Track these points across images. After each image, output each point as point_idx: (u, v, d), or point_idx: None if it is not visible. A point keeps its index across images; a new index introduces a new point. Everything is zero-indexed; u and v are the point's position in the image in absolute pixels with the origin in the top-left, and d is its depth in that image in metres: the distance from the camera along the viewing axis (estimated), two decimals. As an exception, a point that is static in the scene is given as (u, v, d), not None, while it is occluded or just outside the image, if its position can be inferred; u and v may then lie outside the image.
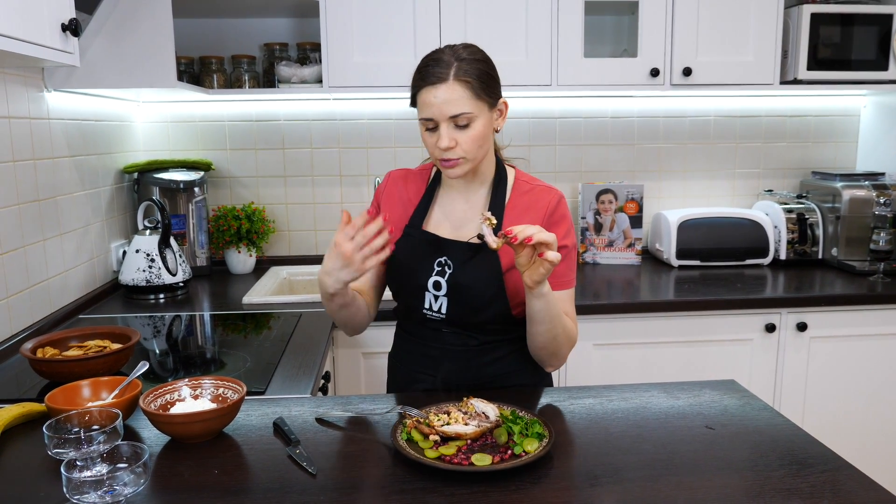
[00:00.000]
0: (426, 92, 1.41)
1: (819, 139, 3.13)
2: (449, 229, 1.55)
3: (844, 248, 2.78)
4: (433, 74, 1.40)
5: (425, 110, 1.42)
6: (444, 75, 1.40)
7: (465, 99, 1.40)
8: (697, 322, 2.41)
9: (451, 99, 1.39)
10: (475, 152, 1.45)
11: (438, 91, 1.40)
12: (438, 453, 1.18)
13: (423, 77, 1.42)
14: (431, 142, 1.44)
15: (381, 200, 1.63)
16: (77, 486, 1.01)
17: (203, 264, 2.79)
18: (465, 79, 1.40)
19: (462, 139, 1.42)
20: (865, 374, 2.49)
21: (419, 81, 1.43)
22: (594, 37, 2.81)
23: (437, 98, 1.40)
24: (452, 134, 1.42)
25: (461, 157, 1.44)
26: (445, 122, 1.41)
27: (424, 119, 1.43)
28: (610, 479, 1.13)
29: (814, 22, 2.66)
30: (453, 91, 1.39)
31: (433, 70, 1.41)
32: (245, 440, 1.28)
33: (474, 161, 1.47)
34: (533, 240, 1.29)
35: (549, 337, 1.47)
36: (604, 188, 2.92)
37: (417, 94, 1.44)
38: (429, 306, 1.53)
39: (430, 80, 1.40)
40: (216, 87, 2.71)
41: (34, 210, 2.01)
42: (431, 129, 1.44)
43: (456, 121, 1.41)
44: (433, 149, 1.45)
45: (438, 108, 1.40)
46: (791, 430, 1.30)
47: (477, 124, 1.43)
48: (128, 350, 1.63)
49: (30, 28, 1.49)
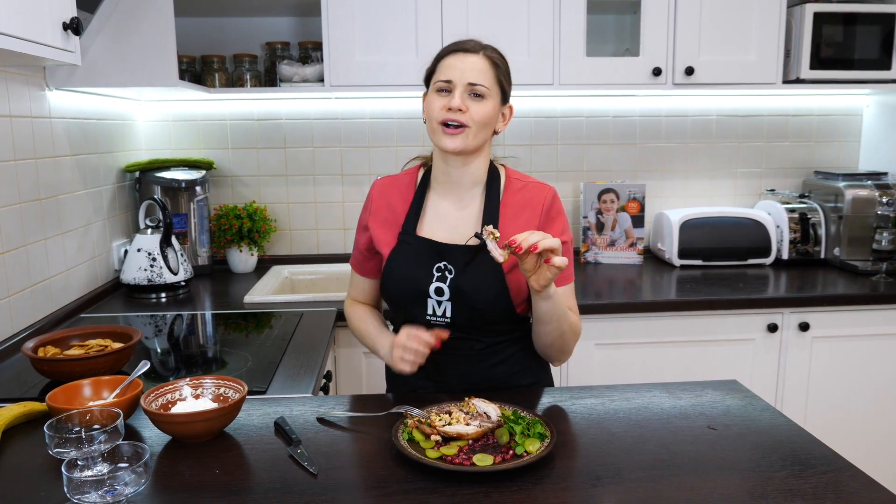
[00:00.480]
0: (453, 57, 1.47)
1: (822, 139, 3.12)
2: (444, 233, 1.53)
3: (847, 247, 2.78)
4: (464, 46, 1.48)
5: (446, 73, 1.46)
6: (472, 47, 1.48)
7: (488, 74, 1.46)
8: (699, 322, 2.40)
9: (476, 68, 1.45)
10: (478, 128, 1.46)
11: (467, 58, 1.46)
12: (440, 453, 1.17)
13: (454, 46, 1.49)
14: (440, 103, 1.46)
15: (371, 212, 1.61)
16: (78, 485, 1.01)
17: (204, 263, 2.79)
18: (493, 58, 1.48)
19: (473, 108, 1.45)
20: (868, 375, 2.49)
21: (446, 50, 1.49)
22: (596, 36, 2.80)
23: (464, 63, 1.45)
24: (465, 100, 1.45)
25: (465, 126, 1.44)
26: (462, 87, 1.44)
27: (442, 81, 1.46)
28: (612, 480, 1.13)
29: (817, 21, 2.66)
30: (479, 62, 1.46)
31: (464, 44, 1.48)
32: (246, 440, 1.28)
33: (475, 139, 1.47)
34: (538, 247, 1.29)
35: (556, 335, 1.48)
36: (606, 187, 2.92)
37: (441, 60, 1.48)
38: (432, 312, 1.51)
39: (461, 48, 1.47)
40: (218, 86, 2.71)
41: (36, 209, 2.01)
42: (444, 92, 1.46)
43: (473, 89, 1.44)
44: (439, 111, 1.45)
45: (461, 71, 1.44)
46: (793, 431, 1.30)
47: (489, 102, 1.46)
48: (129, 349, 1.63)
49: (31, 27, 1.49)
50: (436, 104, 1.46)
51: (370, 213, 1.61)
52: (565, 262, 1.31)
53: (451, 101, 1.43)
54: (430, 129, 1.49)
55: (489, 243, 1.34)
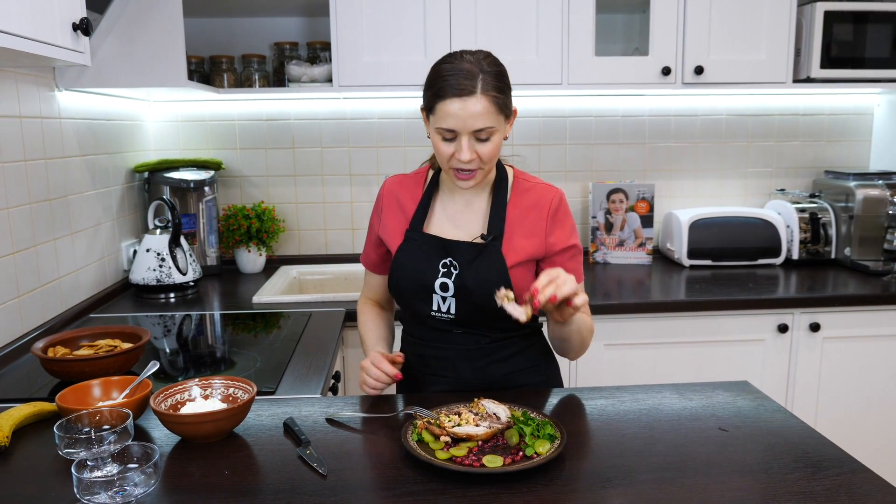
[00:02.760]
0: (451, 103, 1.37)
1: (832, 138, 3.10)
2: (450, 230, 1.54)
3: (858, 247, 2.76)
4: (460, 86, 1.36)
5: (448, 121, 1.38)
6: (471, 88, 1.36)
7: (490, 114, 1.38)
8: (709, 322, 2.39)
9: (478, 113, 1.37)
10: (491, 164, 1.45)
11: (466, 104, 1.36)
12: (449, 455, 1.17)
13: (449, 87, 1.37)
14: (448, 152, 1.42)
15: (382, 209, 1.63)
16: (87, 486, 1.01)
17: (213, 263, 2.80)
18: (492, 94, 1.38)
19: (482, 151, 1.41)
20: (879, 375, 2.47)
21: (443, 91, 1.38)
22: (605, 35, 2.79)
23: (465, 111, 1.36)
24: (473, 146, 1.40)
25: (478, 169, 1.44)
26: (467, 135, 1.39)
27: (445, 130, 1.40)
28: (622, 482, 1.12)
29: (827, 20, 2.64)
30: (480, 105, 1.37)
31: (460, 82, 1.36)
32: (255, 440, 1.28)
33: (487, 172, 1.48)
34: (557, 299, 1.28)
35: (577, 342, 1.51)
36: (615, 187, 2.91)
37: (439, 104, 1.39)
38: (437, 308, 1.52)
39: (457, 91, 1.36)
40: (226, 87, 2.72)
41: (45, 209, 2.01)
42: (449, 140, 1.41)
43: (479, 135, 1.39)
44: (449, 159, 1.43)
45: (463, 121, 1.37)
46: (805, 432, 1.29)
47: (496, 137, 1.42)
48: (138, 349, 1.63)
49: (41, 27, 1.49)
50: (444, 151, 1.42)
51: (380, 209, 1.63)
52: (585, 300, 1.32)
53: (460, 154, 1.40)
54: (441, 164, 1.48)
55: (507, 307, 1.33)
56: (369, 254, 1.69)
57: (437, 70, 1.42)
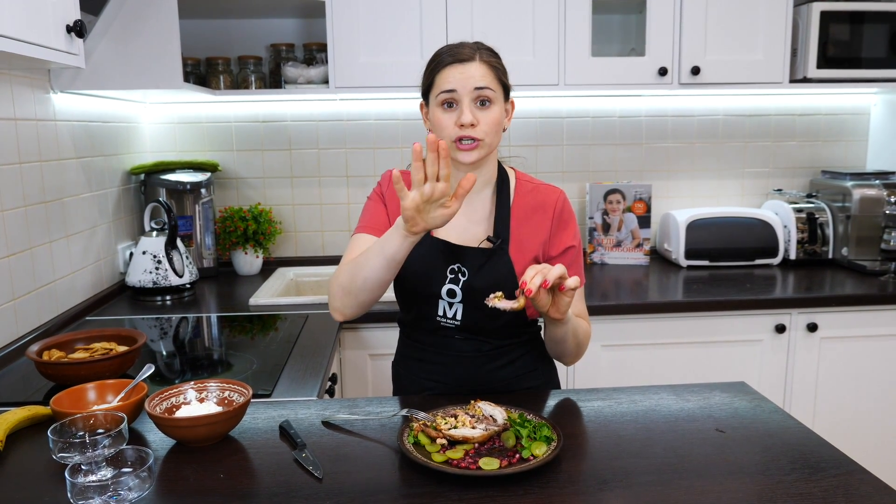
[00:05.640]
0: (451, 68, 1.42)
1: (829, 138, 3.10)
2: (456, 234, 1.52)
3: (855, 247, 2.76)
4: (459, 54, 1.42)
5: (448, 82, 1.41)
6: (469, 55, 1.42)
7: (490, 78, 1.42)
8: (706, 323, 2.39)
9: (477, 75, 1.41)
10: (492, 137, 1.44)
11: (466, 67, 1.41)
12: (445, 457, 1.16)
13: (448, 55, 1.43)
14: (449, 120, 1.42)
15: (388, 199, 1.57)
16: (81, 490, 1.00)
17: (210, 265, 2.79)
18: (491, 61, 1.44)
19: (483, 119, 1.41)
20: (877, 375, 2.47)
21: (442, 60, 1.43)
22: (602, 36, 2.79)
23: (463, 73, 1.41)
24: (474, 112, 1.41)
25: (479, 139, 1.42)
26: (468, 97, 1.41)
27: (445, 92, 1.41)
28: (619, 484, 1.11)
29: (823, 20, 2.64)
30: (479, 70, 1.42)
31: (458, 51, 1.43)
32: (251, 443, 1.28)
33: (489, 147, 1.45)
34: (549, 283, 1.27)
35: (573, 345, 1.50)
36: (612, 188, 2.91)
37: (439, 73, 1.43)
38: (443, 314, 1.51)
39: (456, 58, 1.42)
40: (222, 88, 2.71)
41: (41, 212, 2.01)
42: (450, 109, 1.42)
43: (480, 94, 1.41)
44: (450, 128, 1.42)
45: (464, 80, 1.40)
46: (803, 434, 1.29)
47: (496, 107, 1.43)
48: (134, 352, 1.62)
49: (34, 30, 1.48)
50: (446, 121, 1.42)
51: (386, 198, 1.56)
52: (577, 281, 1.30)
53: (462, 117, 1.40)
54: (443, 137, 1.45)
55: (500, 305, 1.33)
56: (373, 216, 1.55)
57: (436, 53, 1.48)
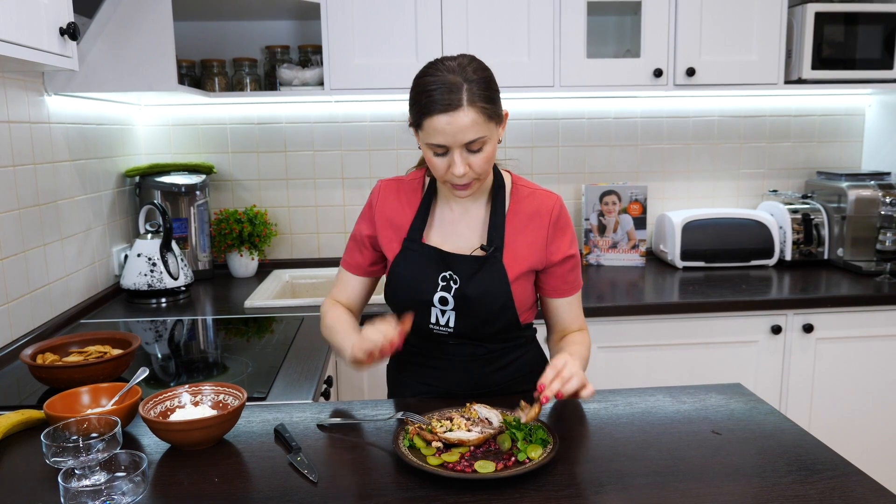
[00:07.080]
0: (438, 119, 1.32)
1: (824, 139, 3.11)
2: (449, 241, 1.51)
3: (850, 248, 2.76)
4: (445, 101, 1.31)
5: (437, 137, 1.34)
6: (457, 101, 1.31)
7: (480, 124, 1.33)
8: (702, 324, 2.39)
9: (467, 126, 1.32)
10: (486, 172, 1.42)
11: (454, 118, 1.31)
12: (441, 460, 1.16)
13: (434, 102, 1.32)
14: (443, 166, 1.38)
15: (376, 212, 1.56)
16: (75, 495, 1.00)
17: (205, 268, 2.78)
18: (480, 104, 1.33)
19: (475, 162, 1.37)
20: (873, 376, 2.47)
21: (428, 107, 1.33)
22: (597, 37, 2.79)
23: (453, 125, 1.31)
24: (466, 159, 1.36)
25: (474, 179, 1.40)
26: (459, 148, 1.35)
27: (436, 146, 1.36)
28: (615, 486, 1.11)
29: (818, 21, 2.64)
30: (467, 117, 1.31)
31: (445, 96, 1.31)
32: (246, 447, 1.27)
33: (485, 179, 1.45)
34: (563, 396, 1.26)
35: None
36: (607, 189, 2.91)
37: (426, 120, 1.34)
38: (435, 321, 1.50)
39: (443, 106, 1.31)
40: (217, 90, 2.71)
41: (35, 215, 2.00)
42: (441, 154, 1.37)
43: (470, 146, 1.35)
44: (444, 173, 1.39)
45: (453, 135, 1.32)
46: (799, 435, 1.29)
47: (488, 146, 1.37)
48: (128, 356, 1.62)
49: (28, 32, 1.48)
50: (438, 164, 1.38)
51: (374, 213, 1.56)
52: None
53: (455, 169, 1.35)
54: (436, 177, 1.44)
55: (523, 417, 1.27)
56: (354, 256, 1.60)
57: (420, 84, 1.36)
